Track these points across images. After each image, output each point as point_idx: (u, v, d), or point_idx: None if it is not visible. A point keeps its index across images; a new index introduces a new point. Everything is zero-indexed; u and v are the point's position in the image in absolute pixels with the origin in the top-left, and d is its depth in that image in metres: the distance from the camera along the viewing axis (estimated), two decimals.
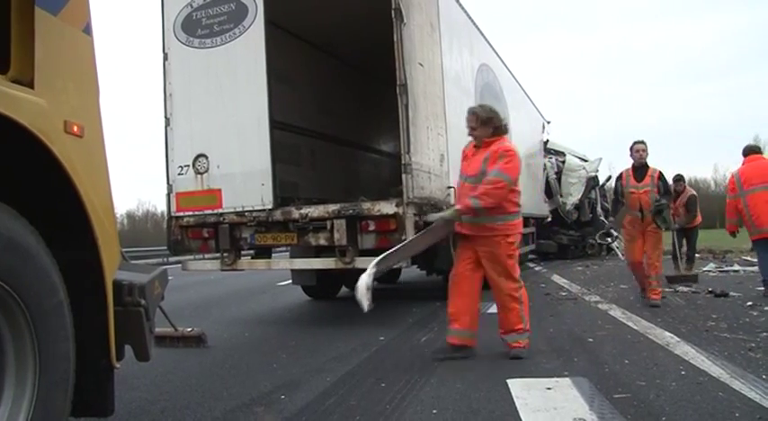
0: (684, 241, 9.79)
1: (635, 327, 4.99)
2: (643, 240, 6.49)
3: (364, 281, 3.69)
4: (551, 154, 15.46)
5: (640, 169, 6.50)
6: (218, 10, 5.92)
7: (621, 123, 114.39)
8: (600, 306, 6.47)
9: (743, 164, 7.04)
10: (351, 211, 5.48)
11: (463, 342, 4.17)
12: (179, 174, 6.03)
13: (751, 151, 7.11)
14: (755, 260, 8.58)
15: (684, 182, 9.74)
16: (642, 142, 6.56)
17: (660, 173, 6.48)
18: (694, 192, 9.72)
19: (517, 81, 11.88)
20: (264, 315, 7.13)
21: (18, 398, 1.71)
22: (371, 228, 5.49)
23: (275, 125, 6.00)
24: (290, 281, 8.33)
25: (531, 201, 11.99)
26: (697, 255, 13.94)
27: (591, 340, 4.58)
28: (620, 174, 6.88)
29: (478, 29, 8.76)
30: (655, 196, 6.33)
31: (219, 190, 5.86)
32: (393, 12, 5.49)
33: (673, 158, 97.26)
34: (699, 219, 9.74)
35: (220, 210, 5.84)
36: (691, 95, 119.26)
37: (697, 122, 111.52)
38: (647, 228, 6.40)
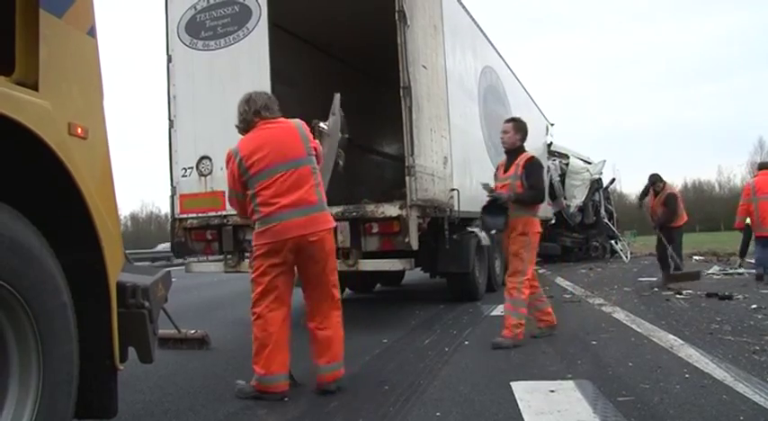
0: (667, 243, 8.77)
1: (639, 330, 4.97)
2: None
3: None
4: (555, 156, 15.45)
5: (510, 157, 4.88)
6: (222, 12, 5.94)
7: (625, 125, 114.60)
8: (604, 308, 6.45)
9: (757, 175, 9.01)
10: (354, 214, 5.49)
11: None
12: (183, 176, 6.05)
13: (765, 166, 9.18)
14: None
15: (663, 182, 9.01)
16: (511, 120, 5.02)
17: (529, 158, 4.78)
18: (675, 192, 9.13)
19: (520, 83, 11.88)
20: None
21: (22, 399, 1.71)
22: (375, 230, 5.49)
23: None
24: None
25: None
26: (698, 258, 13.96)
27: (595, 342, 4.56)
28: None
29: (482, 31, 8.76)
30: (516, 191, 4.67)
31: (223, 192, 5.85)
32: (397, 14, 5.51)
33: (676, 160, 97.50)
34: (684, 218, 9.02)
35: (224, 212, 5.85)
36: (694, 96, 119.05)
37: (700, 124, 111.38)
38: (511, 234, 4.74)
